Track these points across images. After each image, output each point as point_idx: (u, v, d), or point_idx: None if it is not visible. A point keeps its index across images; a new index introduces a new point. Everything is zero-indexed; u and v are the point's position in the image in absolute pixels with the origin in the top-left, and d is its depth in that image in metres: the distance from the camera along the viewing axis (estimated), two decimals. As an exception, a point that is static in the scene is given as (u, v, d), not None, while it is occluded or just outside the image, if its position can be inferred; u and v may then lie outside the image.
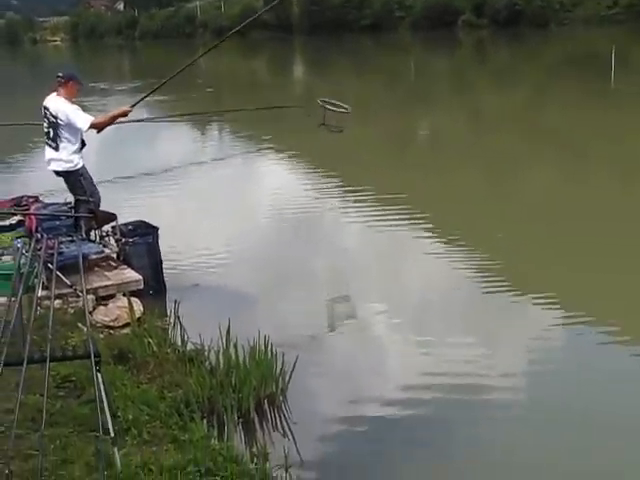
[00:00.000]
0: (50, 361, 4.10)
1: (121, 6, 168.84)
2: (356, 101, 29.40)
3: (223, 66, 60.14)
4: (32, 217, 7.92)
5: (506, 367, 6.75)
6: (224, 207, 12.60)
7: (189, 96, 31.33)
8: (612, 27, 71.24)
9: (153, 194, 13.53)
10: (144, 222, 8.65)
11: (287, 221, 11.67)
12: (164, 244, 8.85)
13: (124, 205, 11.46)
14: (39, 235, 7.41)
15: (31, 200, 8.68)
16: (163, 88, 10.12)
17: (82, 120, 8.21)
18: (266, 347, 6.14)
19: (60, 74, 8.49)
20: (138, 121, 16.10)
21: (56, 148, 8.41)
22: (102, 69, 64.47)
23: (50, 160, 8.54)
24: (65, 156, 8.39)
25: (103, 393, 4.10)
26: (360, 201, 12.45)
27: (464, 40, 77.00)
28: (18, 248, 7.22)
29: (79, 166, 8.46)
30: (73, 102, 8.45)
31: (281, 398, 5.98)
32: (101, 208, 8.57)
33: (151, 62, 61.53)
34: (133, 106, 8.58)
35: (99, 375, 4.09)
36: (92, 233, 8.55)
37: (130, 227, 8.47)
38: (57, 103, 8.37)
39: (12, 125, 17.37)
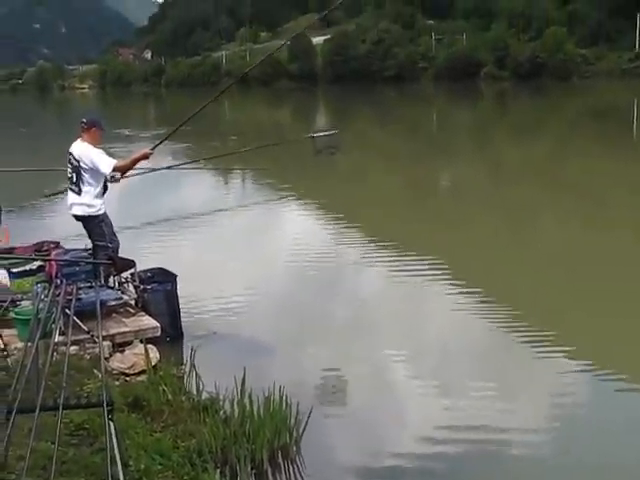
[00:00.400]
0: (63, 409, 4.09)
1: (148, 55, 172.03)
2: (378, 150, 29.70)
3: (247, 116, 60.83)
4: (52, 263, 7.98)
5: (525, 418, 6.67)
6: (244, 254, 12.61)
7: (212, 144, 31.72)
8: (633, 80, 71.45)
9: (173, 241, 13.59)
10: (163, 269, 8.69)
11: (307, 269, 11.65)
12: (183, 290, 8.87)
13: (144, 251, 11.53)
14: (58, 281, 7.47)
15: (52, 246, 8.76)
16: (187, 136, 10.25)
17: (105, 163, 8.31)
18: (281, 398, 6.09)
19: (84, 120, 8.65)
20: (155, 170, 16.33)
21: (79, 192, 8.50)
22: (128, 116, 65.50)
23: (72, 204, 8.62)
24: (87, 200, 8.48)
25: (115, 442, 4.08)
26: (381, 250, 12.45)
27: (486, 92, 77.48)
28: (37, 293, 7.28)
29: (101, 212, 8.54)
30: (96, 147, 8.57)
31: (295, 449, 5.92)
32: (120, 254, 8.63)
33: (176, 110, 62.25)
34: (153, 149, 8.64)
35: (111, 424, 4.07)
36: (111, 279, 8.59)
37: (149, 274, 8.51)
38: (81, 148, 8.50)
39: (36, 170, 17.59)
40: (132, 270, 8.55)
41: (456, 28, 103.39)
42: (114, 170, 8.35)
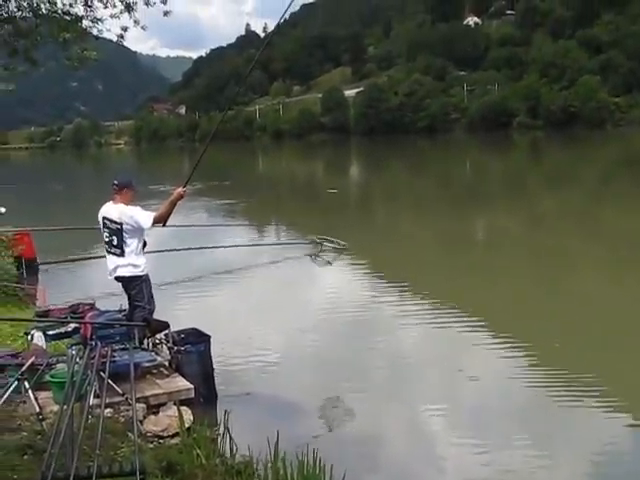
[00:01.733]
0: (96, 478, 4.11)
1: (183, 110, 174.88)
2: (413, 202, 29.76)
3: (281, 169, 61.37)
4: (87, 325, 8.05)
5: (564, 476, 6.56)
6: (279, 310, 12.63)
7: (247, 199, 32.07)
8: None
9: (207, 299, 13.67)
10: (196, 330, 8.71)
11: (341, 324, 11.64)
12: (217, 350, 8.89)
13: (178, 311, 11.61)
14: (93, 343, 7.54)
15: (87, 307, 8.83)
16: (226, 191, 10.32)
17: (146, 219, 8.34)
18: (315, 461, 6.04)
19: (115, 182, 8.68)
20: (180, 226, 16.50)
21: (122, 254, 8.50)
22: (162, 171, 66.38)
23: (116, 267, 8.58)
24: (132, 260, 8.48)
25: (147, 512, 4.08)
26: (418, 304, 12.41)
27: (519, 141, 77.60)
28: (72, 356, 7.35)
29: (145, 272, 8.57)
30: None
31: (329, 514, 5.86)
32: (155, 316, 8.68)
33: (210, 163, 63.02)
34: (185, 186, 8.63)
35: (144, 492, 4.08)
36: (145, 341, 8.62)
37: (182, 335, 8.53)
38: (118, 209, 8.53)
39: (73, 229, 17.84)
40: (166, 331, 8.59)
41: (488, 79, 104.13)
42: (155, 222, 8.39)
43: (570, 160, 49.78)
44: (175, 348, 8.39)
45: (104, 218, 8.61)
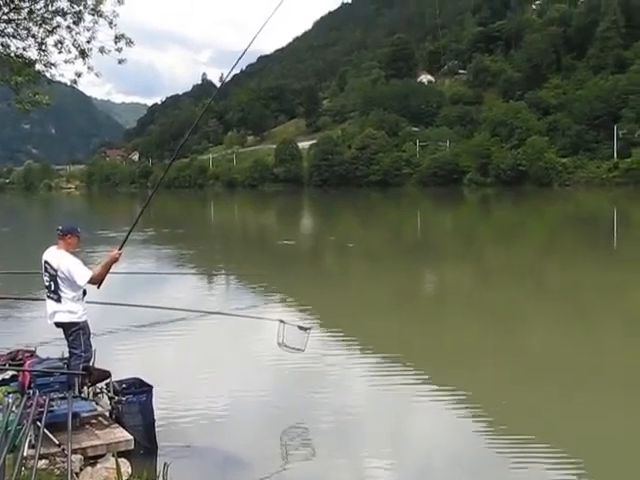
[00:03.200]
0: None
1: (136, 156, 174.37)
2: (365, 253, 29.87)
3: (234, 219, 61.28)
4: (26, 373, 7.85)
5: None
6: (224, 362, 12.44)
7: (199, 248, 31.88)
8: (613, 189, 72.92)
9: (151, 348, 13.41)
10: (139, 379, 8.54)
11: (288, 377, 11.49)
12: (159, 400, 8.72)
13: (120, 359, 11.38)
14: (31, 391, 7.35)
15: (27, 355, 8.60)
16: (179, 238, 10.23)
17: (81, 276, 8.29)
18: (255, 518, 5.93)
19: (59, 228, 8.65)
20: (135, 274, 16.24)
21: (58, 300, 8.44)
22: (113, 217, 65.84)
23: (54, 313, 8.51)
24: (68, 307, 8.40)
25: None
26: (365, 357, 12.32)
27: (469, 197, 78.79)
28: (8, 405, 7.15)
29: (82, 319, 8.45)
30: (72, 254, 8.56)
31: None
32: (96, 362, 8.51)
33: (163, 211, 62.69)
34: (120, 248, 8.63)
35: None
36: (85, 390, 8.43)
37: (124, 385, 8.36)
38: (57, 256, 8.47)
39: (15, 273, 17.52)
40: (107, 380, 8.41)
41: (440, 135, 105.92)
42: (90, 281, 8.35)
43: (518, 217, 50.64)
44: (116, 398, 8.21)
45: (45, 262, 8.56)
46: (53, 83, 12.16)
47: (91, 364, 8.40)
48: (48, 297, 8.57)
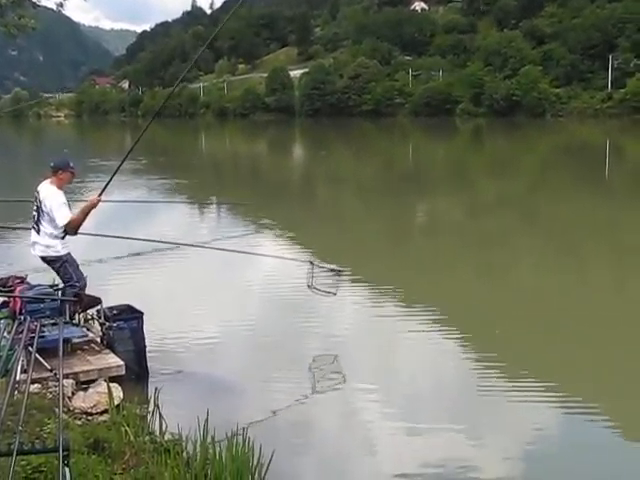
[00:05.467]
0: (17, 454, 4.01)
1: (126, 84, 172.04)
2: (356, 185, 29.82)
3: (225, 148, 60.88)
4: (17, 299, 7.89)
5: (499, 460, 6.70)
6: (216, 291, 12.51)
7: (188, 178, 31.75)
8: (606, 120, 72.59)
9: (142, 276, 13.46)
10: (129, 306, 8.61)
11: (278, 306, 11.59)
12: (150, 327, 8.79)
13: (111, 287, 11.45)
14: (22, 317, 7.39)
15: (17, 281, 8.61)
16: (167, 169, 10.17)
17: (61, 216, 8.26)
18: (244, 440, 6.02)
19: (51, 164, 8.61)
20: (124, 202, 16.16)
21: (38, 231, 8.46)
22: (104, 145, 65.34)
23: (34, 243, 8.57)
24: (45, 241, 8.40)
25: (70, 489, 4.00)
26: (356, 289, 12.24)
27: (462, 128, 78.32)
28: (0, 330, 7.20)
29: (61, 253, 8.45)
30: (62, 191, 8.51)
31: (257, 493, 5.85)
32: (87, 290, 8.55)
33: (153, 140, 62.22)
34: (100, 194, 8.60)
35: (67, 470, 3.99)
36: (76, 316, 8.49)
37: (115, 311, 8.42)
38: (47, 191, 8.45)
39: (3, 201, 17.44)
40: (98, 307, 8.47)
41: (433, 64, 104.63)
42: (68, 224, 8.30)
43: (511, 148, 50.45)
44: (107, 324, 8.29)
45: (36, 192, 8.55)
46: (39, 7, 11.93)
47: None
48: (32, 227, 8.59)
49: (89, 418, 7.02)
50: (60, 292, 8.28)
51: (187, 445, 6.26)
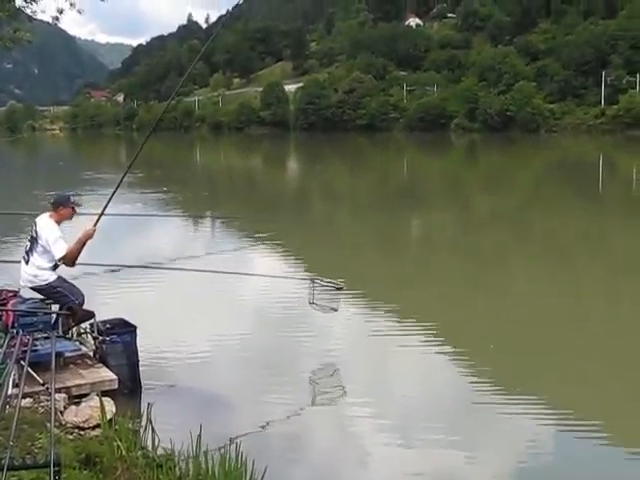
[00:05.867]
0: (8, 470, 3.98)
1: (121, 98, 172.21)
2: (351, 199, 29.84)
3: (220, 162, 60.88)
4: (9, 312, 7.85)
5: (493, 472, 6.70)
6: (209, 305, 12.46)
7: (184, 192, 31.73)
8: (599, 136, 72.89)
9: (135, 290, 13.38)
10: (123, 320, 8.58)
11: (273, 322, 11.52)
12: (143, 341, 8.75)
13: (105, 301, 11.39)
14: (14, 331, 7.35)
15: (10, 295, 8.57)
16: (162, 182, 10.16)
17: (58, 249, 8.12)
18: (237, 455, 5.99)
19: (52, 199, 8.59)
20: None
21: (27, 262, 8.32)
22: (98, 159, 65.32)
23: (22, 275, 8.42)
24: (33, 272, 8.25)
25: (60, 505, 3.97)
26: (350, 303, 11.99)
27: (456, 142, 78.58)
28: (-9, 344, 7.16)
29: (50, 280, 8.29)
30: (59, 226, 8.42)
31: (250, 508, 5.81)
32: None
33: (149, 153, 62.27)
34: (95, 224, 8.50)
35: (58, 486, 3.96)
36: (69, 330, 8.45)
37: (108, 325, 8.39)
38: (45, 224, 8.33)
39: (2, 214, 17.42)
40: (91, 321, 8.43)
41: (427, 80, 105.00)
42: (65, 256, 8.15)
43: (505, 163, 50.60)
44: (100, 338, 8.25)
45: (34, 223, 8.47)
46: (35, 20, 11.93)
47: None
48: (22, 257, 8.48)
49: (81, 433, 6.97)
50: (52, 306, 8.24)
51: (180, 460, 6.22)
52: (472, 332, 10.96)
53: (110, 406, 7.34)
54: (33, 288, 8.32)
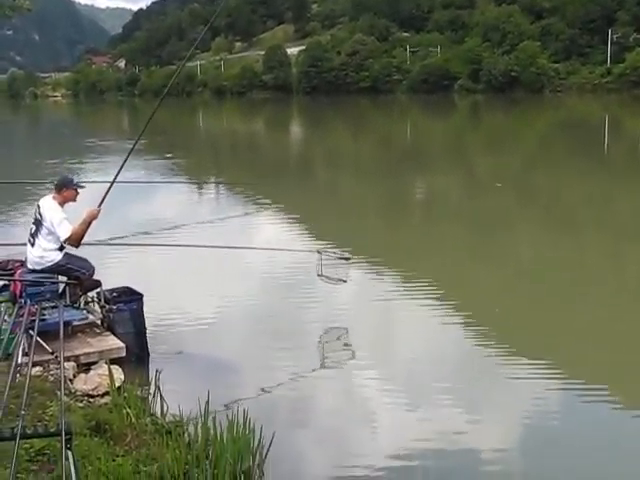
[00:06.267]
0: (20, 438, 4.05)
1: (122, 63, 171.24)
2: (356, 163, 29.78)
3: (222, 127, 60.64)
4: (17, 282, 7.91)
5: (498, 435, 6.76)
6: (216, 272, 12.46)
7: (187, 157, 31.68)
8: (605, 95, 72.34)
9: (142, 257, 13.39)
10: (129, 288, 8.64)
11: (279, 285, 11.60)
12: (150, 309, 8.83)
13: (111, 269, 11.42)
14: (22, 301, 7.42)
15: (17, 265, 8.63)
16: (166, 148, 10.14)
17: (63, 232, 8.14)
18: (245, 421, 6.07)
19: (55, 181, 8.59)
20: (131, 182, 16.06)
21: (33, 244, 8.34)
22: (102, 126, 65.12)
23: (29, 258, 8.43)
24: (39, 253, 8.27)
25: (73, 471, 4.04)
26: (356, 268, 12.08)
27: (460, 104, 78.08)
28: (0, 313, 7.23)
29: (56, 260, 8.31)
30: (63, 208, 8.44)
31: (258, 473, 5.90)
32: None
33: (152, 119, 61.98)
34: (100, 205, 8.50)
35: (69, 453, 4.03)
36: (77, 300, 8.51)
37: (115, 294, 8.46)
38: (49, 205, 8.35)
39: (4, 183, 17.41)
40: (98, 290, 8.50)
41: (430, 41, 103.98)
42: (70, 237, 8.18)
43: (510, 124, 50.32)
44: (107, 307, 8.32)
45: (38, 205, 8.48)
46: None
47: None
48: (27, 240, 8.49)
49: (90, 400, 7.07)
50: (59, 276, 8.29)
51: (188, 426, 6.31)
52: (477, 296, 11.02)
53: (118, 374, 7.43)
54: (42, 270, 8.28)
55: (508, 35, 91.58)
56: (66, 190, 8.50)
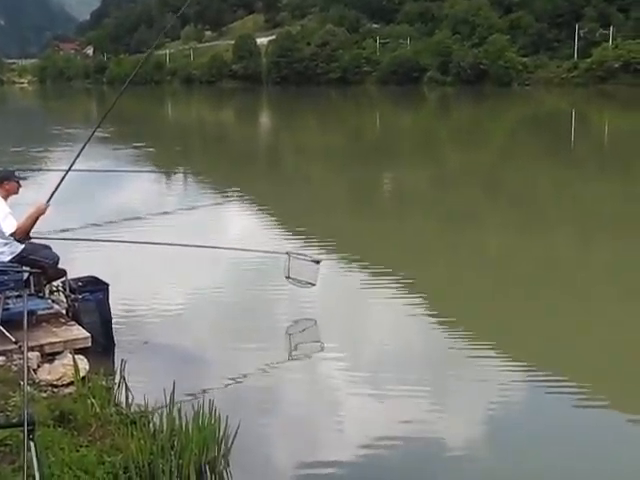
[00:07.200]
0: (-20, 429, 4.01)
1: (90, 51, 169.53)
2: (322, 153, 29.77)
3: (192, 117, 60.27)
4: (-20, 271, 7.82)
5: (465, 425, 6.83)
6: (182, 261, 12.33)
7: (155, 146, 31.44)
8: (572, 89, 73.00)
9: (107, 247, 13.26)
10: (95, 278, 8.56)
11: (244, 274, 11.57)
12: (116, 298, 8.77)
13: (76, 259, 11.30)
14: (-15, 290, 7.34)
15: (-20, 254, 8.53)
16: (134, 137, 10.06)
17: (7, 225, 8.01)
18: (210, 411, 6.05)
19: None
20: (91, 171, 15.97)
21: None
22: (68, 113, 64.41)
23: None
24: None
25: (35, 463, 4.00)
26: (327, 257, 11.91)
27: (429, 96, 78.38)
28: (-37, 303, 7.13)
29: (16, 252, 8.18)
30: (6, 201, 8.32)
31: (223, 463, 5.88)
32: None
33: (120, 107, 61.46)
34: (48, 200, 8.39)
35: (32, 444, 3.99)
36: (42, 289, 8.42)
37: (80, 283, 8.38)
38: None
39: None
40: (63, 279, 8.42)
41: (400, 33, 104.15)
42: (16, 232, 8.04)
43: (478, 117, 50.60)
44: (72, 296, 8.25)
45: None
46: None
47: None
48: None
49: (55, 390, 7.00)
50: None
51: (153, 416, 6.28)
52: (446, 289, 11.08)
53: (83, 364, 7.36)
54: (4, 264, 8.17)
55: (477, 28, 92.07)
56: (7, 183, 8.42)
